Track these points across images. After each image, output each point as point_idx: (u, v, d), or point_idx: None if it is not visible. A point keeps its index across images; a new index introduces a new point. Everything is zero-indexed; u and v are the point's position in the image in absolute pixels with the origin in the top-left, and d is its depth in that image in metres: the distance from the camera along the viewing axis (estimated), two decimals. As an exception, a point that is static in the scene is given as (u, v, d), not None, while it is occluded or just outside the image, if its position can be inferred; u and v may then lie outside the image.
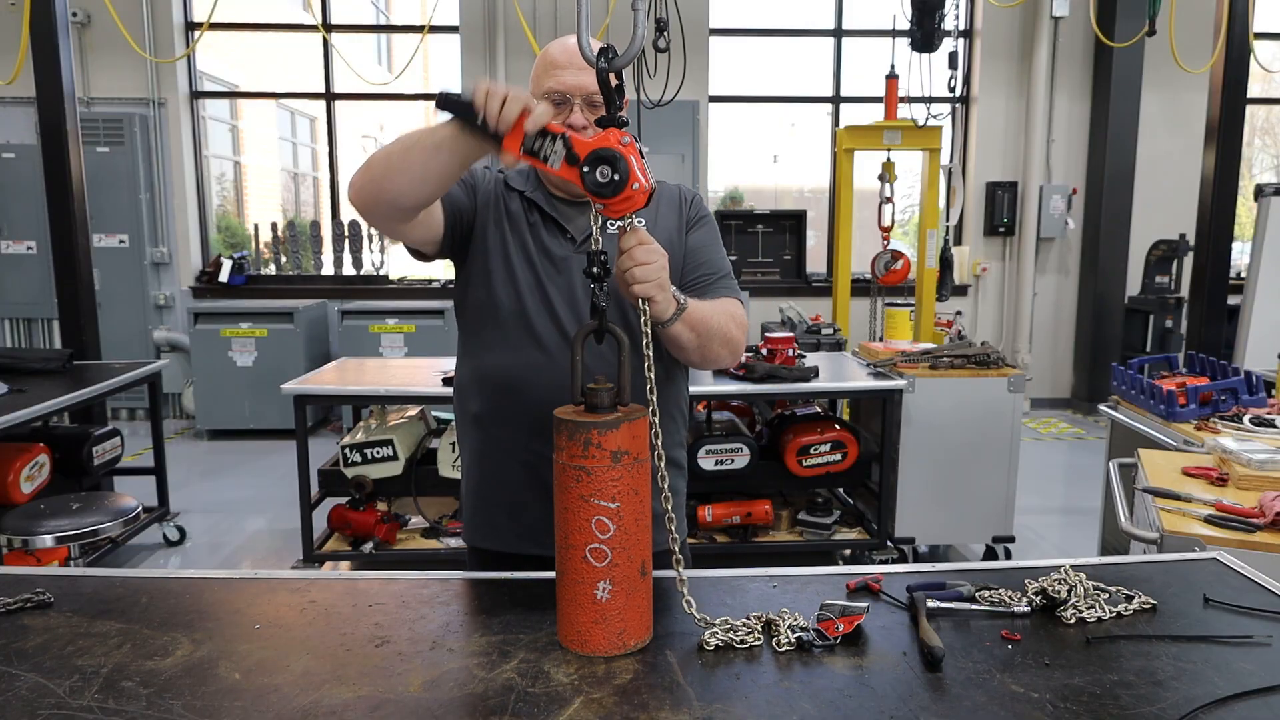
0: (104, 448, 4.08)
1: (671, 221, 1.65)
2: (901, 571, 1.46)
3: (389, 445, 3.82)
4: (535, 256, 1.59)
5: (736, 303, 1.61)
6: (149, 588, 1.42)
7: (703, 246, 1.66)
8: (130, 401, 6.91)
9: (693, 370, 1.74)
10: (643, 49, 1.28)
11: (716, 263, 1.66)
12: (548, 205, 1.62)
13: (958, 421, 3.90)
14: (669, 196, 1.69)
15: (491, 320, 1.59)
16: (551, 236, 1.60)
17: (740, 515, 3.88)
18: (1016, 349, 7.31)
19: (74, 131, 4.45)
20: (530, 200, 1.62)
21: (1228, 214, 5.04)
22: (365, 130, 13.52)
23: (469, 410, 1.66)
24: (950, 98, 6.02)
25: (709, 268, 1.64)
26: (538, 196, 1.63)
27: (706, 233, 1.69)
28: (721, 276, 1.65)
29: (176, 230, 6.97)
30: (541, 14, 6.75)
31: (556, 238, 1.60)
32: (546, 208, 1.61)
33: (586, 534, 1.18)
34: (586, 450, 1.16)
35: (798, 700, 1.08)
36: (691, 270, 1.63)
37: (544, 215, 1.61)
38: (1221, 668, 1.16)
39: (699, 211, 1.70)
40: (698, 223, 1.68)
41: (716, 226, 1.72)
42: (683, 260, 1.64)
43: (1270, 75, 7.72)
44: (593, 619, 1.19)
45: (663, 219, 1.65)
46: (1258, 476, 2.13)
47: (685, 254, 1.65)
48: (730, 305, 1.58)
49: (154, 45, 6.70)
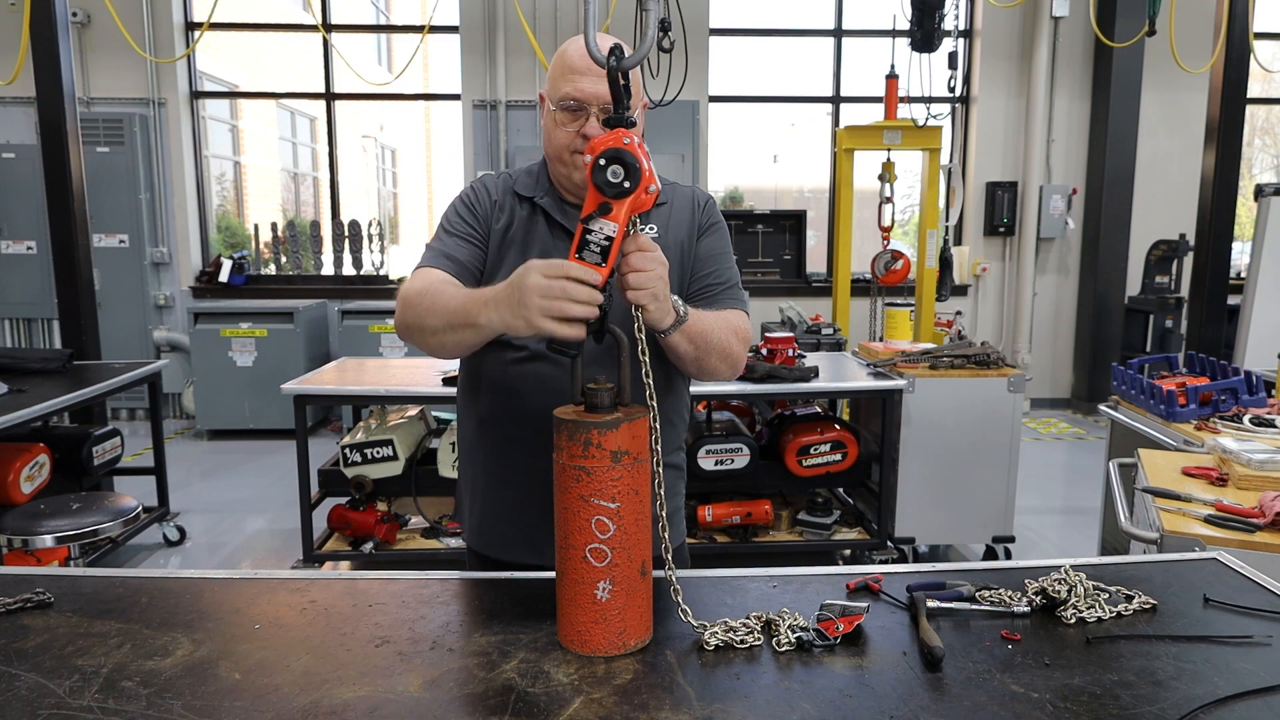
0: (104, 448, 4.08)
1: (684, 224, 1.63)
2: (901, 571, 1.46)
3: (389, 445, 3.82)
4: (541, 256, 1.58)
5: (742, 315, 1.59)
6: (149, 588, 1.42)
7: (713, 255, 1.64)
8: (130, 401, 6.92)
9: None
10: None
11: (725, 272, 1.63)
12: (557, 211, 1.60)
13: (958, 421, 3.90)
14: (683, 198, 1.66)
15: None
16: (559, 240, 1.58)
17: (740, 515, 3.88)
18: (1016, 349, 7.31)
19: (74, 131, 4.45)
20: (539, 206, 1.61)
21: (1228, 214, 5.04)
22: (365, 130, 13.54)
23: (475, 414, 1.65)
24: (950, 98, 6.02)
25: (717, 276, 1.62)
26: (546, 202, 1.60)
27: (718, 240, 1.66)
28: (729, 287, 1.62)
29: (176, 230, 6.97)
30: (541, 14, 6.75)
31: (565, 242, 1.59)
32: (556, 214, 1.59)
33: (586, 534, 1.18)
34: (586, 450, 1.16)
35: (798, 700, 1.08)
36: (699, 278, 1.61)
37: (551, 220, 1.60)
38: (1221, 668, 1.16)
39: (712, 218, 1.67)
40: (709, 229, 1.66)
41: (729, 234, 1.69)
42: (691, 266, 1.62)
43: (1270, 75, 7.73)
44: (593, 619, 1.19)
45: (675, 221, 1.62)
46: (1258, 476, 2.13)
47: (695, 261, 1.62)
48: (734, 318, 1.56)
49: (154, 45, 6.70)
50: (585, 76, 1.48)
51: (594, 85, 1.48)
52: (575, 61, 1.50)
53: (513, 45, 6.80)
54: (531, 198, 1.61)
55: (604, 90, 1.45)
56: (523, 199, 1.62)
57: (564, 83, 1.50)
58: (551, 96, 1.53)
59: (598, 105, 1.49)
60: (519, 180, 1.65)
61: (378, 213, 14.20)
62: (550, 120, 1.54)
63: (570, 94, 1.49)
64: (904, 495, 3.92)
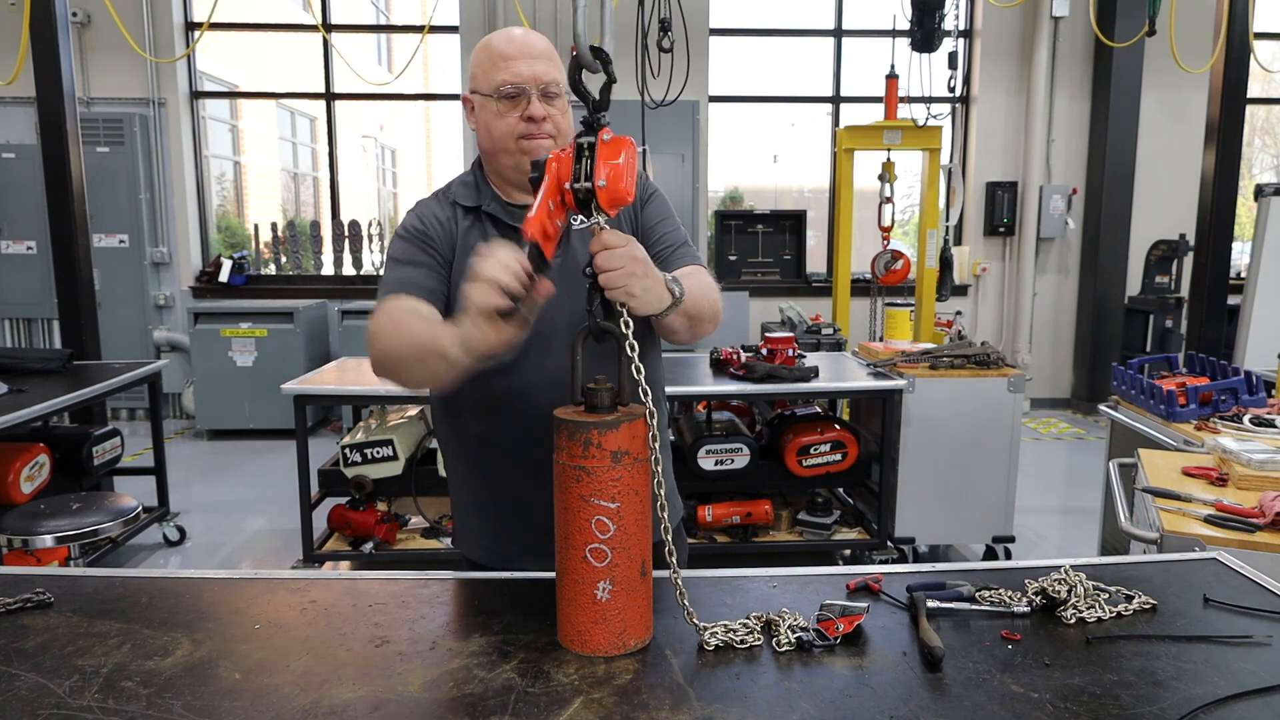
0: (104, 448, 4.08)
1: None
2: (901, 571, 1.46)
3: (389, 445, 3.82)
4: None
5: (703, 270, 1.59)
6: (149, 588, 1.42)
7: (660, 221, 1.65)
8: (130, 401, 6.92)
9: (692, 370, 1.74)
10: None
11: (674, 234, 1.64)
12: (504, 214, 1.59)
13: (958, 421, 3.90)
14: None
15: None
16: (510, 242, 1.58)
17: (740, 515, 3.88)
18: (1016, 349, 7.31)
19: (74, 131, 4.45)
20: (485, 214, 1.59)
21: (1228, 214, 5.04)
22: (365, 130, 13.54)
23: (463, 425, 1.62)
24: (950, 98, 6.02)
25: (669, 240, 1.63)
26: (493, 208, 1.59)
27: (660, 206, 1.67)
28: (680, 246, 1.63)
29: (176, 230, 6.97)
30: (541, 14, 6.75)
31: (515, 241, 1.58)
32: (504, 216, 1.58)
33: (586, 534, 1.18)
34: (586, 450, 1.16)
35: (798, 700, 1.08)
36: (652, 245, 1.61)
37: (499, 223, 1.58)
38: (1221, 668, 1.16)
39: (648, 189, 1.68)
40: (649, 199, 1.67)
41: (668, 200, 1.70)
42: (642, 236, 1.62)
43: (1270, 75, 7.72)
44: (593, 619, 1.19)
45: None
46: (1258, 476, 2.13)
47: (644, 231, 1.63)
48: (701, 275, 1.55)
49: (154, 45, 6.70)
50: (519, 60, 1.50)
51: (529, 67, 1.49)
52: (504, 48, 1.51)
53: (513, 45, 6.79)
54: (477, 206, 1.60)
55: (540, 71, 1.49)
56: (466, 209, 1.60)
57: (497, 71, 1.51)
58: (486, 88, 1.52)
59: (537, 86, 1.50)
60: (456, 192, 1.62)
61: (378, 213, 14.20)
62: (488, 114, 1.53)
63: (507, 79, 1.50)
64: (904, 495, 3.92)
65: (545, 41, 1.57)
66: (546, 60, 1.53)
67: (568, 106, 1.57)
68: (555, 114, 1.53)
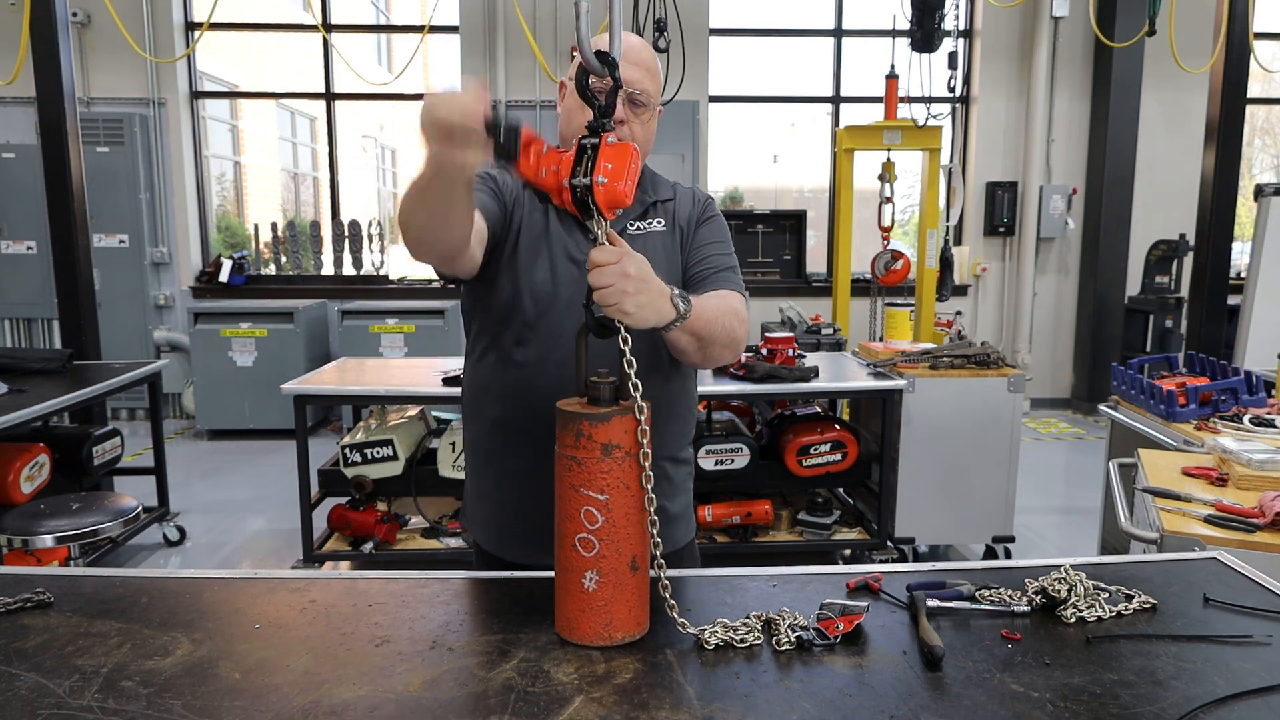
0: (104, 448, 4.08)
1: (685, 213, 1.68)
2: (901, 571, 1.46)
3: (389, 445, 3.82)
4: (558, 257, 1.57)
5: (739, 297, 1.60)
6: (149, 588, 1.42)
7: (711, 241, 1.67)
8: (130, 401, 6.91)
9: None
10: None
11: (717, 260, 1.65)
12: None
13: (958, 421, 3.90)
14: (685, 194, 1.72)
15: (516, 320, 1.57)
16: (571, 235, 1.59)
17: (740, 515, 3.88)
18: (1016, 349, 7.31)
19: (74, 131, 4.45)
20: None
21: (1228, 214, 5.04)
22: (365, 130, 13.53)
23: (487, 414, 1.64)
24: (950, 98, 6.03)
25: (709, 263, 1.64)
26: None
27: (715, 229, 1.70)
28: (720, 270, 1.64)
29: (176, 230, 6.97)
30: (541, 14, 6.75)
31: (576, 235, 1.59)
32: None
33: (576, 523, 1.20)
34: (578, 440, 1.18)
35: (798, 700, 1.08)
36: (696, 261, 1.64)
37: (562, 213, 1.59)
38: (1221, 668, 1.16)
39: (710, 211, 1.71)
40: (708, 220, 1.70)
41: (727, 229, 1.72)
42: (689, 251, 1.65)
43: (1270, 75, 7.73)
44: (579, 607, 1.21)
45: (680, 214, 1.68)
46: (1258, 476, 2.13)
47: (693, 247, 1.66)
48: (733, 300, 1.56)
49: (154, 45, 6.70)
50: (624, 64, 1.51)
51: (626, 71, 1.50)
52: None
53: (513, 46, 6.80)
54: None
55: (635, 77, 1.53)
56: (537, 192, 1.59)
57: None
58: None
59: (626, 89, 1.53)
60: None
61: (378, 213, 14.19)
62: (574, 102, 1.55)
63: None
64: (904, 495, 3.92)
65: (654, 56, 1.62)
66: (644, 70, 1.57)
67: (653, 121, 1.61)
68: (635, 123, 1.56)
